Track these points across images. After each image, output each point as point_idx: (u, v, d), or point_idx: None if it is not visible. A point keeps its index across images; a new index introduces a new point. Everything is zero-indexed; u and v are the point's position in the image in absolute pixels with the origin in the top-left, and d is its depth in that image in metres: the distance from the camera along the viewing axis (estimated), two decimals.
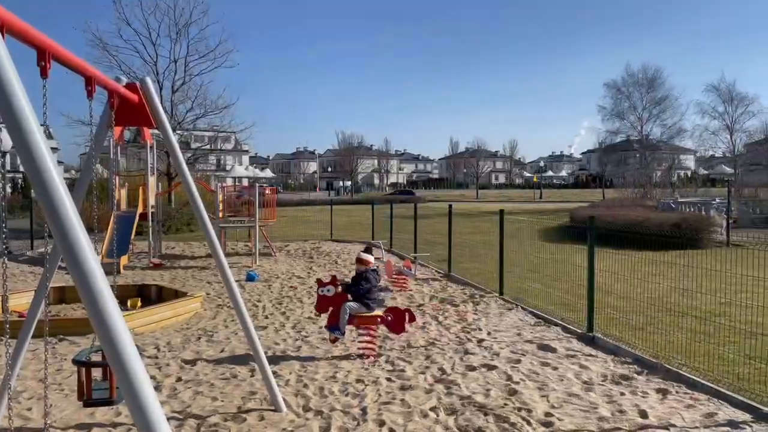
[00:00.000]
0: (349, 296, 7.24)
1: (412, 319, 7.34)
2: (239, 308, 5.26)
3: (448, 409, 5.40)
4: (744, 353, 6.68)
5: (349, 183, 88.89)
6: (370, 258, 7.54)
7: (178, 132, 30.13)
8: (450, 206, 14.08)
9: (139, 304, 9.67)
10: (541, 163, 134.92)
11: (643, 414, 5.18)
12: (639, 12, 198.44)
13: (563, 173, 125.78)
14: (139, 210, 16.14)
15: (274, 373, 6.03)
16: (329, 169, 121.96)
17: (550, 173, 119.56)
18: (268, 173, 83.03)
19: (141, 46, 27.49)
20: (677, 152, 52.98)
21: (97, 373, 4.44)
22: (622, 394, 5.70)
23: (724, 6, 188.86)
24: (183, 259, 16.69)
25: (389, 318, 7.19)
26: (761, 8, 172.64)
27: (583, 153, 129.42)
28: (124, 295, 9.83)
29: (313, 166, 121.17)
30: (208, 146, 34.73)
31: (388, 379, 6.23)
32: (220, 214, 15.98)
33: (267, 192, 18.00)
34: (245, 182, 57.01)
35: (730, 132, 43.97)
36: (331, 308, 7.20)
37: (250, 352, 6.01)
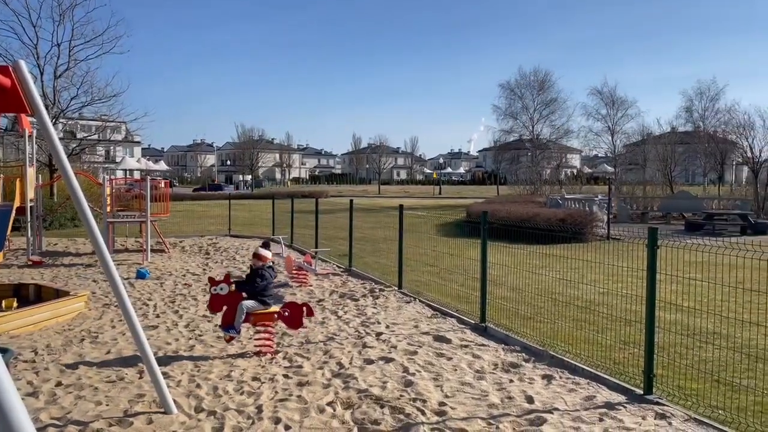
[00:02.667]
0: (244, 294, 7.06)
1: (310, 313, 7.25)
2: (124, 305, 4.99)
3: (345, 403, 5.41)
4: (620, 339, 7.20)
5: (249, 177, 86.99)
6: (267, 254, 7.32)
7: (62, 120, 28.19)
8: (351, 201, 14.12)
9: (15, 304, 8.95)
10: (441, 160, 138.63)
11: (530, 399, 5.45)
12: (530, 15, 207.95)
13: (461, 170, 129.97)
14: (16, 204, 14.89)
15: (164, 374, 5.80)
16: (228, 163, 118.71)
17: (449, 170, 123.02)
18: (162, 166, 79.47)
19: (20, 27, 25.42)
20: (564, 151, 56.38)
21: None
22: (511, 381, 5.97)
23: (607, 15, 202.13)
24: (66, 257, 15.64)
25: (286, 313, 7.07)
26: (637, 18, 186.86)
27: (479, 151, 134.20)
28: None
29: (211, 159, 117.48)
30: (95, 136, 32.64)
31: (285, 376, 6.15)
32: (108, 209, 15.10)
33: (160, 185, 17.22)
34: (137, 175, 54.32)
35: (611, 133, 47.33)
36: (225, 307, 6.98)
37: (138, 353, 5.73)
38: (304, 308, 7.14)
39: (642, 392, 5.53)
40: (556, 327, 7.85)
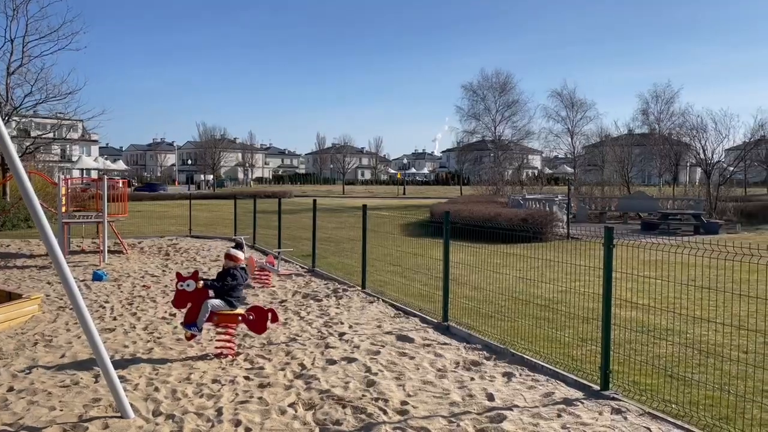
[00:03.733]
0: (211, 292, 6.96)
1: (275, 319, 7.12)
2: (79, 308, 4.86)
3: (306, 404, 5.38)
4: (578, 336, 7.35)
5: (211, 177, 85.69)
6: (240, 255, 7.31)
7: (15, 118, 27.31)
8: (314, 201, 14.05)
9: None
10: (405, 161, 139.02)
11: (490, 397, 5.51)
12: (495, 17, 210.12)
13: (425, 170, 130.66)
14: None
15: (121, 377, 5.68)
16: (189, 162, 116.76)
17: (413, 170, 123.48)
18: (121, 165, 77.87)
19: None
20: (526, 152, 57.28)
21: None
22: (472, 379, 6.03)
23: (567, 19, 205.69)
24: (20, 258, 15.16)
25: (251, 317, 6.97)
26: (596, 23, 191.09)
27: (443, 151, 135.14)
28: None
29: (171, 159, 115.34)
30: (50, 135, 31.70)
31: (247, 378, 6.09)
32: (63, 209, 14.69)
33: (118, 185, 16.86)
34: (94, 174, 53.03)
35: (570, 135, 48.25)
36: (189, 304, 6.88)
37: (94, 356, 5.59)
38: (269, 313, 7.03)
39: (599, 388, 5.65)
40: (516, 325, 7.95)
